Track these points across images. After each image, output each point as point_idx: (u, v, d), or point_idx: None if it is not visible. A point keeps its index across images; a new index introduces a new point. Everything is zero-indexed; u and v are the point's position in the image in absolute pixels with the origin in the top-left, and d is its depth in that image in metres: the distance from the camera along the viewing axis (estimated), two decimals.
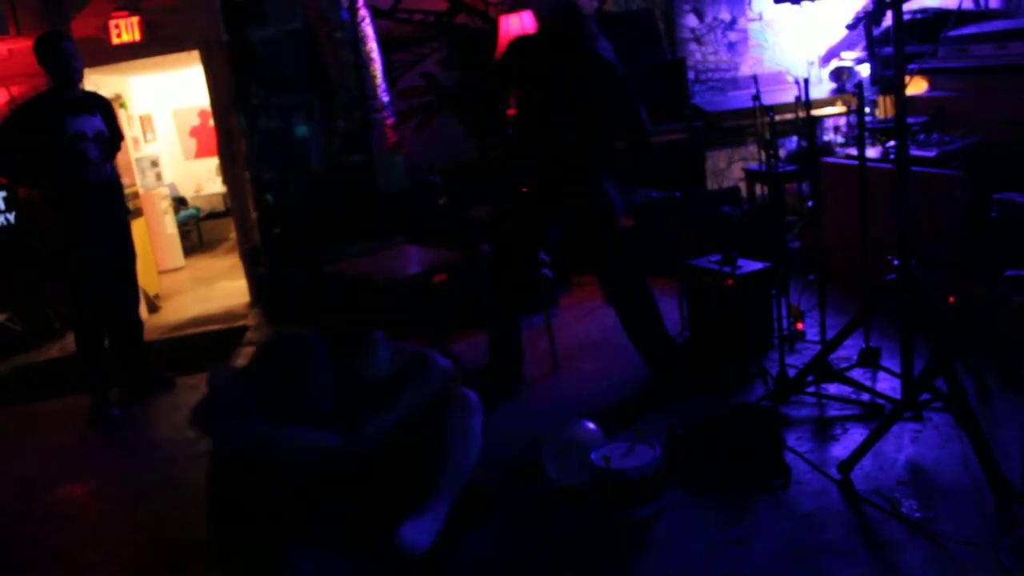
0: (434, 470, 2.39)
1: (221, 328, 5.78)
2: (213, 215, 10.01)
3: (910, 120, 3.96)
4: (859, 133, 3.31)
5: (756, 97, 3.63)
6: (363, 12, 5.38)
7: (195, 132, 10.24)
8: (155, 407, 4.32)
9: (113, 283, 4.24)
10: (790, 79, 5.66)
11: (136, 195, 6.93)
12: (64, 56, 3.97)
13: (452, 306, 4.58)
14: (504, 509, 2.69)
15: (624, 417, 3.24)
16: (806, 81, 3.47)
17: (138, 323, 4.49)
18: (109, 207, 4.19)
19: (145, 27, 5.79)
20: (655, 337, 3.61)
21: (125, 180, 6.75)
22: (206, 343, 5.46)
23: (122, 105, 7.38)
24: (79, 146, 4.00)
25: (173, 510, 3.13)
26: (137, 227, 6.78)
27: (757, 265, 3.77)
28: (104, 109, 4.21)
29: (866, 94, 4.53)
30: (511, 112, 4.43)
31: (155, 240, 7.50)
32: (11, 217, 5.56)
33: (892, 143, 3.66)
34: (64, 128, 3.96)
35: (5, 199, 5.51)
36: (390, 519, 2.25)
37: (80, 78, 4.10)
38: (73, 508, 3.33)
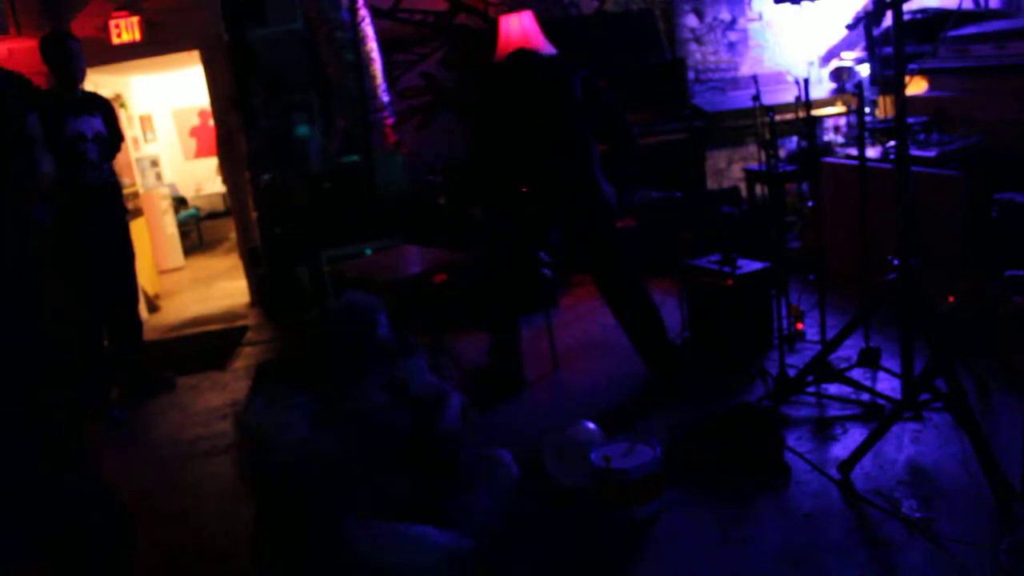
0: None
1: (221, 328, 5.78)
2: (213, 215, 10.01)
3: (910, 120, 3.97)
4: (859, 133, 3.31)
5: (756, 97, 3.63)
6: (363, 12, 5.38)
7: (195, 132, 10.24)
8: (155, 407, 4.32)
9: (112, 284, 4.24)
10: (790, 79, 5.66)
11: (136, 195, 6.93)
12: (69, 56, 3.98)
13: (452, 306, 4.59)
14: None
15: (624, 417, 3.24)
16: (806, 81, 3.47)
17: (138, 323, 4.48)
18: (107, 208, 4.19)
19: (145, 27, 5.79)
20: (654, 339, 3.61)
21: (125, 180, 6.75)
22: (206, 343, 5.46)
23: (122, 105, 7.39)
24: (78, 147, 4.00)
25: (173, 510, 3.14)
26: (137, 227, 6.78)
27: (757, 265, 3.77)
28: (105, 110, 4.21)
29: (866, 94, 4.54)
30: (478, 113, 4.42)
31: (155, 240, 7.50)
32: None
33: (892, 143, 3.66)
34: (63, 129, 3.95)
35: None
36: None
37: (82, 79, 4.11)
38: None
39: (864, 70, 5.53)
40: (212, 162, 9.63)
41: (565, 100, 3.46)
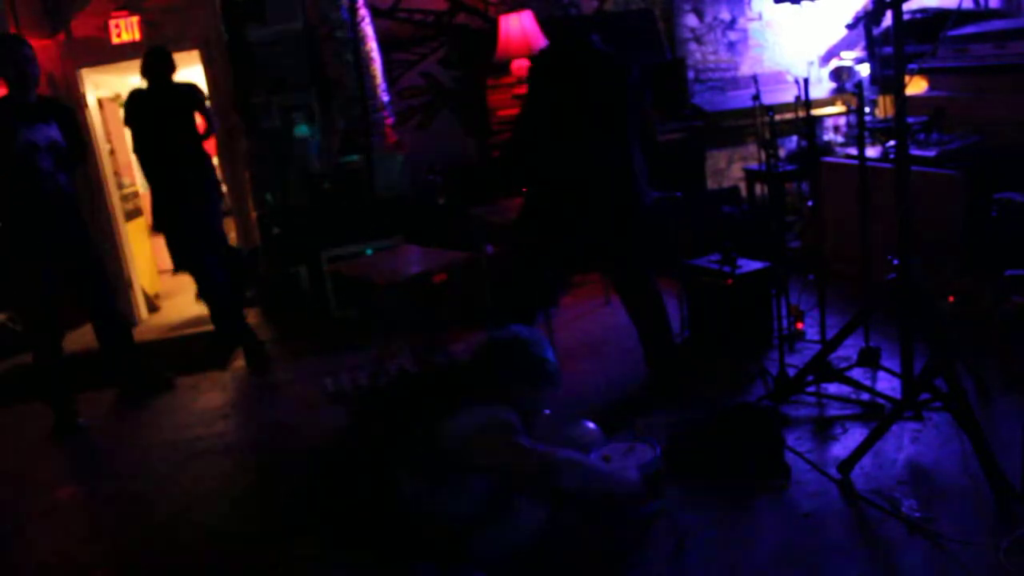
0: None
1: None
2: None
3: (910, 120, 3.96)
4: (859, 133, 3.31)
5: (756, 97, 3.63)
6: (363, 12, 5.38)
7: None
8: (155, 407, 4.32)
9: (80, 293, 4.14)
10: (790, 79, 5.66)
11: (136, 195, 6.93)
12: (20, 62, 3.81)
13: (452, 306, 4.59)
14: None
15: (624, 417, 3.24)
16: (806, 81, 3.47)
17: (123, 325, 4.40)
18: (60, 219, 3.98)
19: (145, 27, 5.78)
20: (662, 334, 3.61)
21: (125, 180, 6.75)
22: (206, 343, 5.46)
23: (122, 105, 7.37)
24: (30, 157, 3.81)
25: (173, 510, 3.14)
26: (137, 227, 6.78)
27: (757, 265, 3.78)
28: (62, 117, 4.01)
29: (866, 94, 4.53)
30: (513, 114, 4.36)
31: (155, 240, 7.49)
32: None
33: (892, 143, 3.66)
34: (14, 138, 3.78)
35: None
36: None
37: (36, 85, 3.92)
38: (72, 507, 3.34)
39: (864, 70, 5.52)
40: (212, 162, 9.60)
41: (623, 96, 3.38)
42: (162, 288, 7.13)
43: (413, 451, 2.20)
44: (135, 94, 4.70)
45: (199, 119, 4.73)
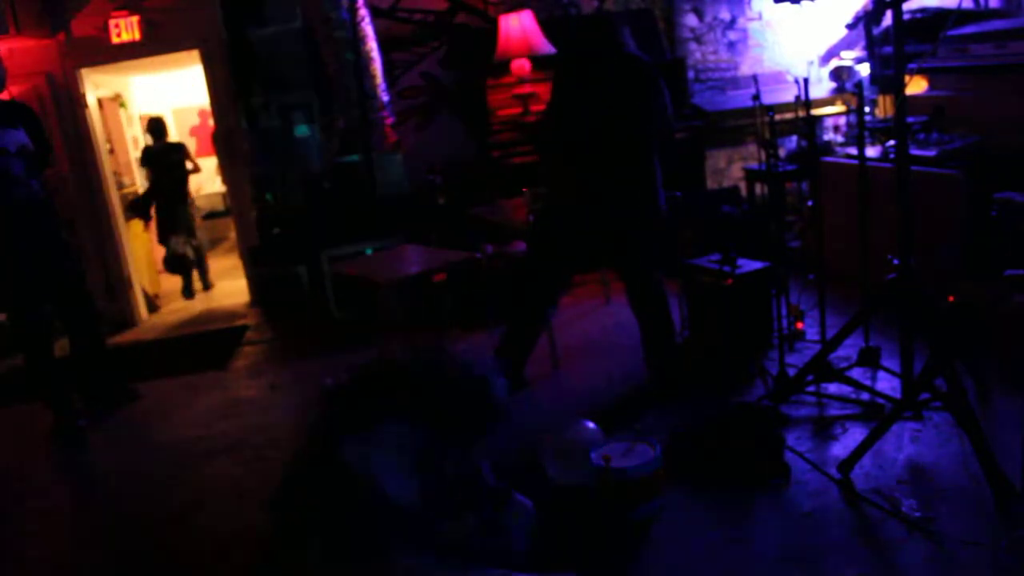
0: None
1: (221, 328, 5.78)
2: (213, 215, 10.00)
3: (910, 120, 3.97)
4: (859, 132, 3.31)
5: (756, 97, 3.63)
6: (363, 12, 5.38)
7: (195, 132, 10.24)
8: (155, 408, 4.32)
9: (58, 301, 4.05)
10: (790, 79, 5.65)
11: (136, 194, 6.93)
12: None
13: (452, 306, 4.59)
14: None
15: (624, 417, 3.24)
16: (806, 81, 3.47)
17: (98, 335, 4.31)
18: (36, 225, 3.88)
19: (145, 27, 5.78)
20: (665, 338, 3.61)
21: (125, 180, 6.75)
22: (206, 343, 5.46)
23: (122, 105, 7.37)
24: (1, 163, 3.71)
25: (173, 510, 3.14)
26: (137, 227, 6.78)
27: (757, 265, 3.77)
28: (28, 120, 3.92)
29: (866, 93, 4.53)
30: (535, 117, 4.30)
31: (155, 240, 7.49)
32: None
33: (892, 143, 3.66)
34: None
35: None
36: None
37: (2, 87, 3.83)
38: (71, 508, 3.34)
39: (864, 69, 5.53)
40: (212, 162, 9.62)
41: (649, 101, 3.36)
42: (162, 288, 7.13)
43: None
44: (147, 148, 7.00)
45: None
